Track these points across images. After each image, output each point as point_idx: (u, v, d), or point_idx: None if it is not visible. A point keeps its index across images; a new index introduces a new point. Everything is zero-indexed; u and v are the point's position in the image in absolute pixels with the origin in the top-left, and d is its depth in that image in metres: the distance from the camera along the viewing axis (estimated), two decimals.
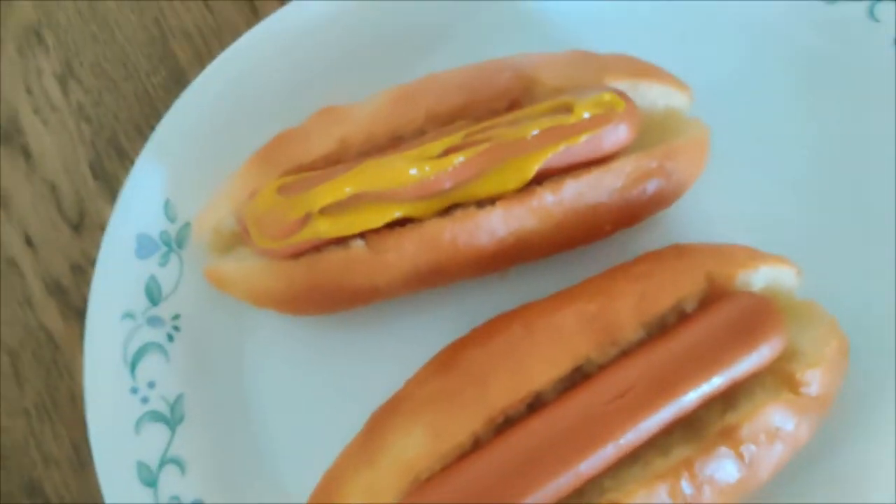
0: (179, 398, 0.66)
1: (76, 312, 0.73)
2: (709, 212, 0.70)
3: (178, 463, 0.65)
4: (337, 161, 0.64)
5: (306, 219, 0.60)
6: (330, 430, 0.63)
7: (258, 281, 0.64)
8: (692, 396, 0.57)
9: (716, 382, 0.57)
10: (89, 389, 0.64)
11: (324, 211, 0.60)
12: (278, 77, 0.71)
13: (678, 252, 0.63)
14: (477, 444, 0.58)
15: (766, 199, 0.69)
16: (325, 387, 0.68)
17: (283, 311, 0.66)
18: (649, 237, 0.70)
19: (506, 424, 0.58)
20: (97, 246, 0.73)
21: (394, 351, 0.68)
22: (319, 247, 0.62)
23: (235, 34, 0.78)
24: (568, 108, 0.61)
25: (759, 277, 0.62)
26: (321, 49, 0.72)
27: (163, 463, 0.65)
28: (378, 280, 0.63)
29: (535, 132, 0.60)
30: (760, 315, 0.59)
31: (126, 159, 0.76)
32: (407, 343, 0.68)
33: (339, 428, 0.62)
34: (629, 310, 0.59)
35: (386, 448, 0.59)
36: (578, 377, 0.60)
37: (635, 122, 0.62)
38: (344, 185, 0.60)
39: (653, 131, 0.67)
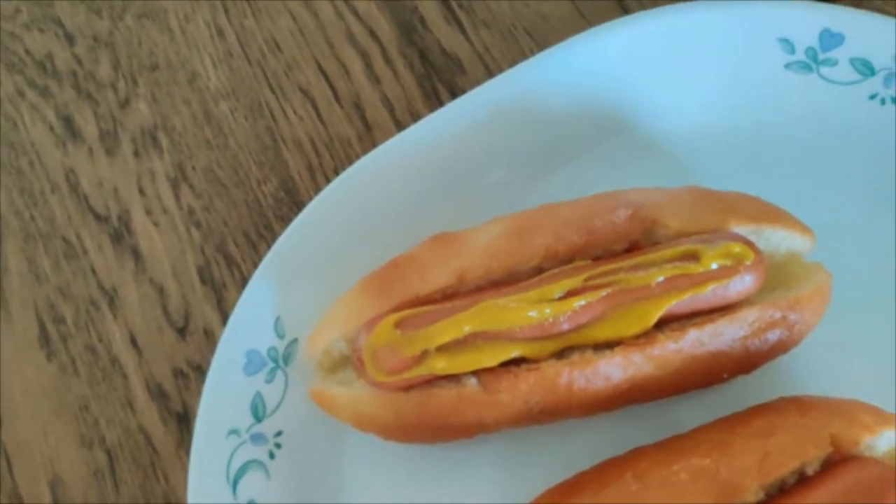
0: None
1: (176, 417, 0.77)
2: (822, 359, 0.71)
3: None
4: (453, 294, 0.68)
5: (423, 355, 0.64)
6: None
7: (365, 408, 0.68)
8: None
9: None
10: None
11: (440, 348, 0.64)
12: (390, 199, 0.76)
13: (800, 409, 0.65)
14: None
15: (885, 352, 0.70)
16: None
17: (386, 438, 0.69)
18: (758, 382, 0.71)
19: None
20: (200, 352, 0.79)
21: (495, 485, 0.71)
22: (431, 381, 0.66)
23: (346, 146, 0.84)
24: (694, 256, 0.64)
25: (884, 441, 0.63)
26: (435, 173, 0.76)
27: None
28: (487, 417, 0.66)
29: (661, 279, 0.63)
30: (885, 485, 0.60)
31: (234, 266, 0.81)
32: (509, 478, 0.71)
33: None
34: (750, 470, 0.61)
35: None
36: None
37: (762, 273, 0.65)
38: (463, 324, 0.63)
39: (772, 274, 0.69)
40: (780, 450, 0.62)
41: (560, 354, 0.65)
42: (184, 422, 0.77)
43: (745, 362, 0.67)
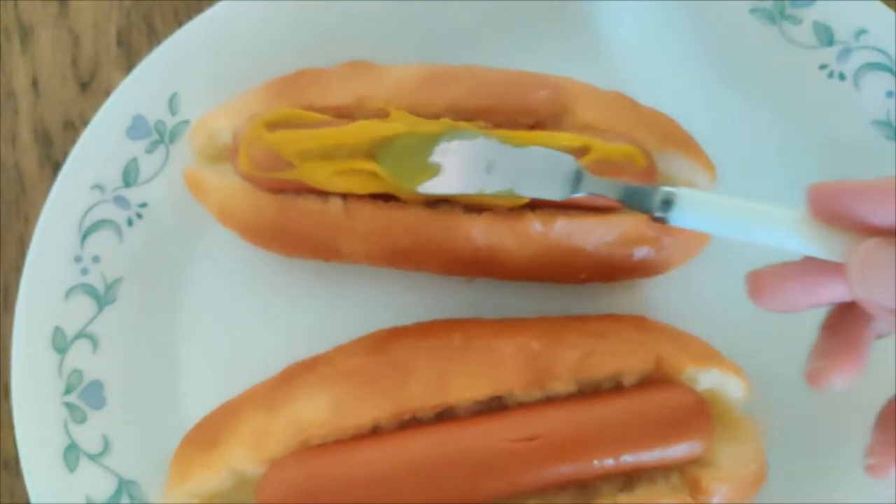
0: (118, 281, 0.69)
1: (53, 165, 0.75)
2: (689, 296, 0.70)
3: (93, 340, 0.68)
4: (348, 116, 0.66)
5: (297, 162, 0.62)
6: (247, 364, 0.66)
7: (231, 200, 0.67)
8: (595, 466, 0.58)
9: (622, 462, 0.59)
10: (36, 242, 0.67)
11: (315, 160, 0.62)
12: (323, 16, 0.73)
13: (640, 325, 0.65)
14: (376, 432, 0.61)
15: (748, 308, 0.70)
16: (257, 322, 0.70)
17: (245, 238, 0.68)
18: (624, 297, 0.71)
19: (411, 423, 0.61)
20: (96, 109, 0.75)
21: (336, 314, 0.70)
22: (300, 190, 0.65)
23: None
24: (585, 150, 0.62)
25: (708, 378, 0.63)
26: (377, 10, 0.73)
27: (79, 335, 0.68)
28: (343, 243, 0.65)
29: None
30: (691, 415, 0.60)
31: (153, 38, 0.78)
32: (352, 311, 0.70)
33: (257, 365, 0.65)
34: (570, 362, 0.61)
35: (290, 402, 0.62)
36: (497, 406, 0.62)
37: (651, 183, 0.64)
38: (338, 138, 0.61)
39: None
40: (605, 352, 0.62)
41: (431, 204, 0.64)
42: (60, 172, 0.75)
43: (606, 269, 0.66)
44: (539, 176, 0.58)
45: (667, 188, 0.54)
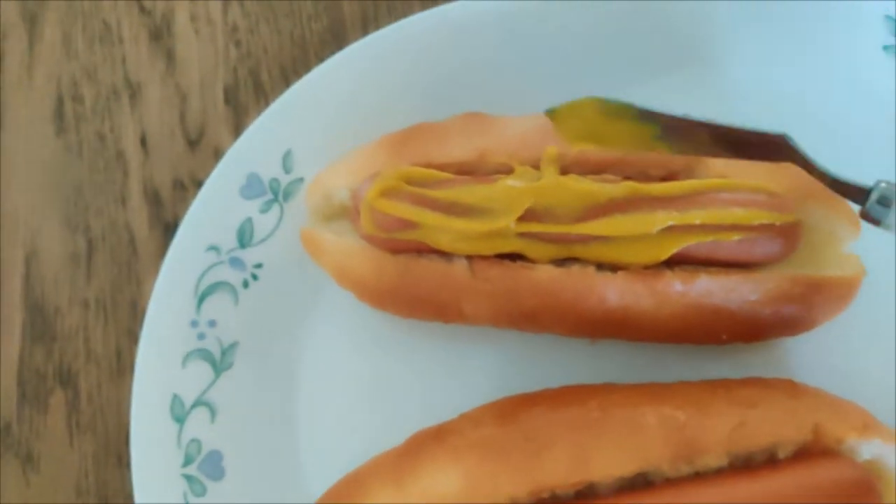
0: (234, 346, 0.66)
1: (164, 226, 0.73)
2: (832, 356, 0.65)
3: (211, 408, 0.65)
4: (469, 171, 0.62)
5: (419, 223, 0.59)
6: (366, 432, 0.63)
7: (349, 260, 0.63)
8: None
9: None
10: (153, 306, 0.65)
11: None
12: (433, 68, 0.69)
13: (792, 390, 0.59)
14: None
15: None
16: (377, 387, 0.66)
17: (362, 298, 0.65)
18: (759, 358, 0.65)
19: (549, 501, 0.56)
20: (205, 168, 0.74)
21: (457, 378, 0.66)
22: (422, 250, 0.61)
23: (405, 7, 0.78)
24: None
25: (869, 448, 0.57)
26: (484, 51, 0.70)
27: (197, 403, 0.65)
28: (466, 305, 0.61)
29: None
30: (856, 491, 0.54)
31: (261, 94, 0.76)
32: (473, 375, 0.66)
33: (376, 433, 0.61)
34: (720, 434, 0.55)
35: (418, 475, 0.58)
36: (640, 481, 0.56)
37: (794, 240, 0.58)
38: (473, 196, 0.58)
39: (806, 250, 0.62)
40: (758, 422, 0.56)
41: (560, 263, 0.60)
42: (171, 232, 0.72)
43: (750, 329, 0.60)
44: None
45: (886, 184, 0.50)
